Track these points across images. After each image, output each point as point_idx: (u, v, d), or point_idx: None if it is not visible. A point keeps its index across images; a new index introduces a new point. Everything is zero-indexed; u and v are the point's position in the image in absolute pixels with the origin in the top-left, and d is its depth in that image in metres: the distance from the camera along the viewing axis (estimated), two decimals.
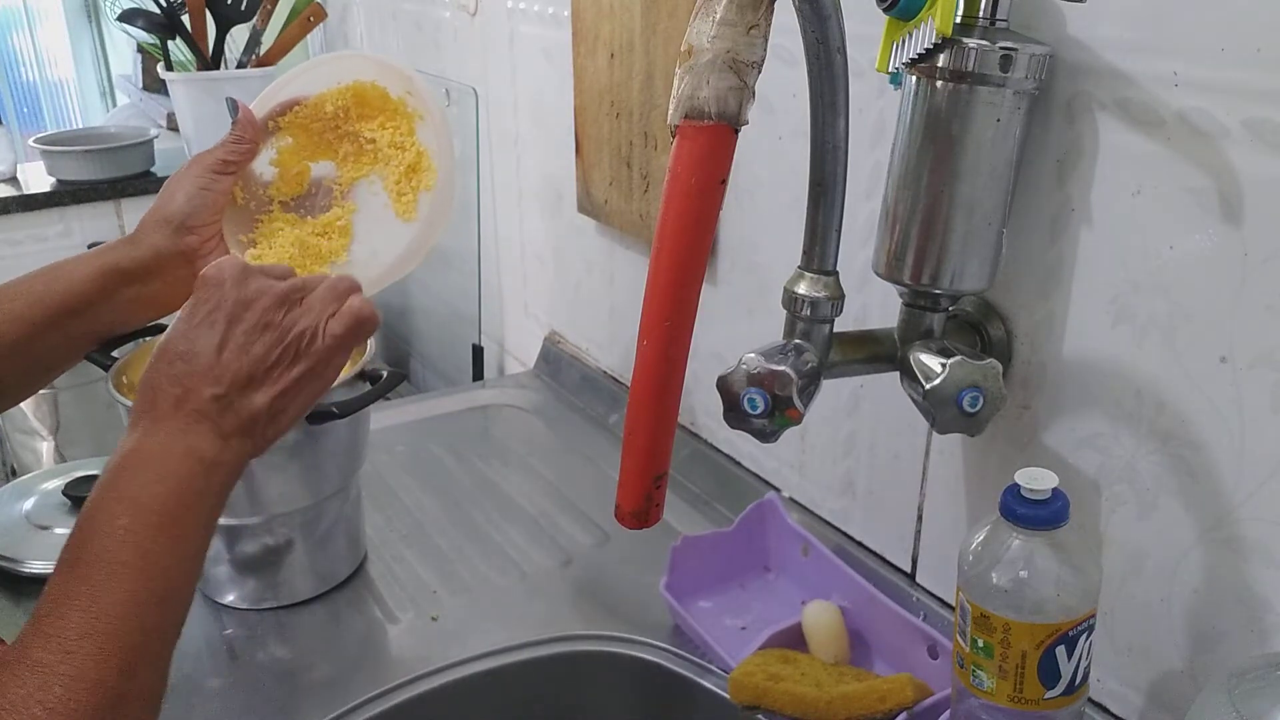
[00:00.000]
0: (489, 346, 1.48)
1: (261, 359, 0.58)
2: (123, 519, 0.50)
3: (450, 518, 1.00)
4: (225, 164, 0.76)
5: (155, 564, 0.50)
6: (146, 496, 0.51)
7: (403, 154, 0.81)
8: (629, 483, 0.59)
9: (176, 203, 0.75)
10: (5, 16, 3.44)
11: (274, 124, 0.81)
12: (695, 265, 0.54)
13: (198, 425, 0.55)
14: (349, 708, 0.76)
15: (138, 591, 0.49)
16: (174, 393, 0.56)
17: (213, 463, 0.55)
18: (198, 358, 0.57)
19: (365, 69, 0.82)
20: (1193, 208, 0.56)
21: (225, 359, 0.57)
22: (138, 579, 0.49)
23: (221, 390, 0.56)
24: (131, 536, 0.50)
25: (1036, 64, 0.58)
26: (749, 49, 0.51)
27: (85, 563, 0.48)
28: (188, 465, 0.54)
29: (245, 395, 0.57)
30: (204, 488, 0.54)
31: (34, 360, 0.71)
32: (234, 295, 0.59)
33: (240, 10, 1.65)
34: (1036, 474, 0.57)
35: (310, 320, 0.60)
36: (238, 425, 0.57)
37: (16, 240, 1.83)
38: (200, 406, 0.55)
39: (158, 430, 0.54)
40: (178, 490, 0.53)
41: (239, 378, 0.57)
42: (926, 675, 0.72)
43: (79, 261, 0.73)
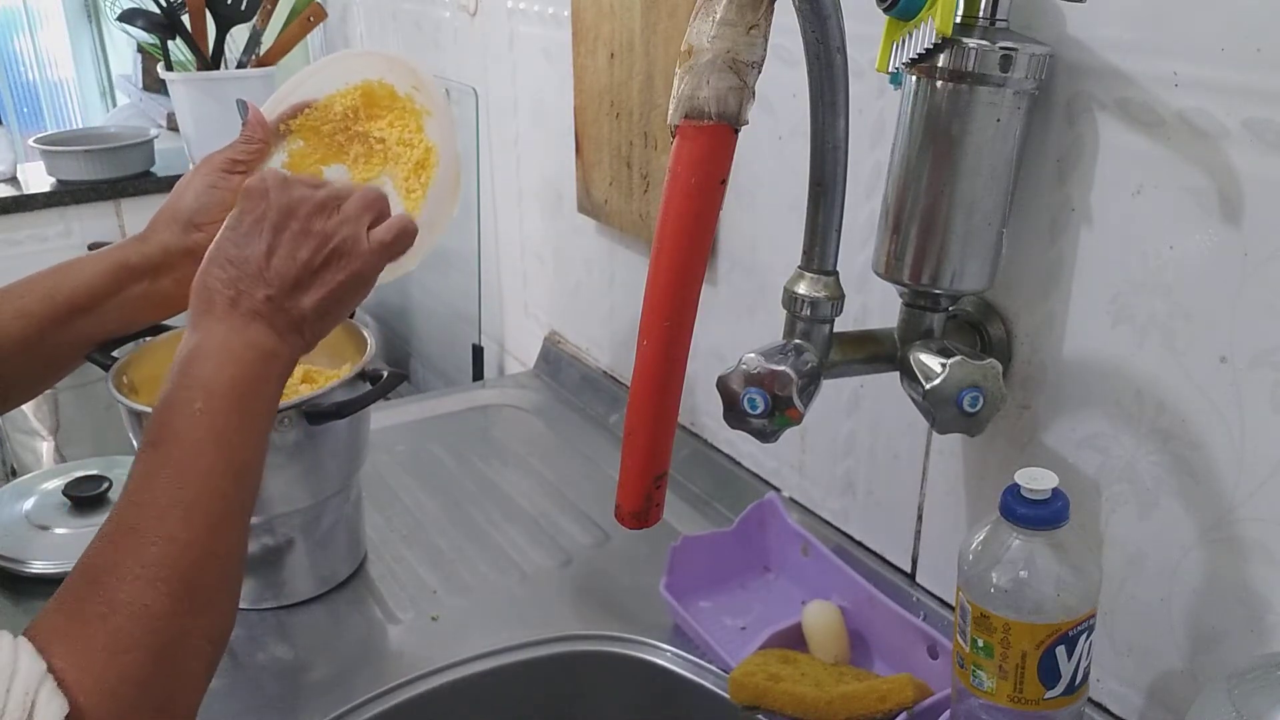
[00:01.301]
0: (489, 346, 1.48)
1: (307, 263, 0.62)
2: (197, 402, 0.55)
3: (450, 518, 1.00)
4: (235, 163, 0.77)
5: (229, 441, 0.55)
6: (215, 382, 0.56)
7: (411, 150, 0.81)
8: (629, 483, 0.59)
9: (186, 201, 0.75)
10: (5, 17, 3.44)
11: (285, 127, 0.81)
12: (695, 265, 0.54)
13: (253, 323, 0.60)
14: (349, 708, 0.76)
15: (215, 464, 0.54)
16: (228, 294, 0.60)
17: (270, 353, 0.60)
18: (248, 263, 0.61)
19: (372, 67, 0.82)
20: (1193, 208, 0.56)
21: (274, 264, 0.61)
22: (215, 454, 0.54)
23: (272, 292, 0.61)
24: (206, 417, 0.55)
25: (1036, 64, 0.58)
26: (749, 49, 0.51)
27: (166, 442, 0.54)
28: (250, 355, 0.59)
29: (293, 297, 0.61)
30: (264, 375, 0.59)
31: (43, 357, 0.72)
32: (277, 204, 0.62)
33: (240, 10, 1.65)
34: (1036, 474, 0.57)
35: (350, 229, 0.64)
36: (289, 324, 0.61)
37: (16, 240, 1.83)
38: (254, 307, 0.60)
39: (217, 327, 0.59)
40: (242, 376, 0.58)
41: (287, 281, 0.61)
42: (926, 675, 0.72)
43: (88, 259, 0.73)
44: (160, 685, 0.49)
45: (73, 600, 0.49)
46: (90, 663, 0.46)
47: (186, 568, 0.50)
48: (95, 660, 0.47)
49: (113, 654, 0.47)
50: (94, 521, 0.94)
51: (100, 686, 0.46)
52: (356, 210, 0.65)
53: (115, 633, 0.47)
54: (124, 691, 0.47)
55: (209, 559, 0.52)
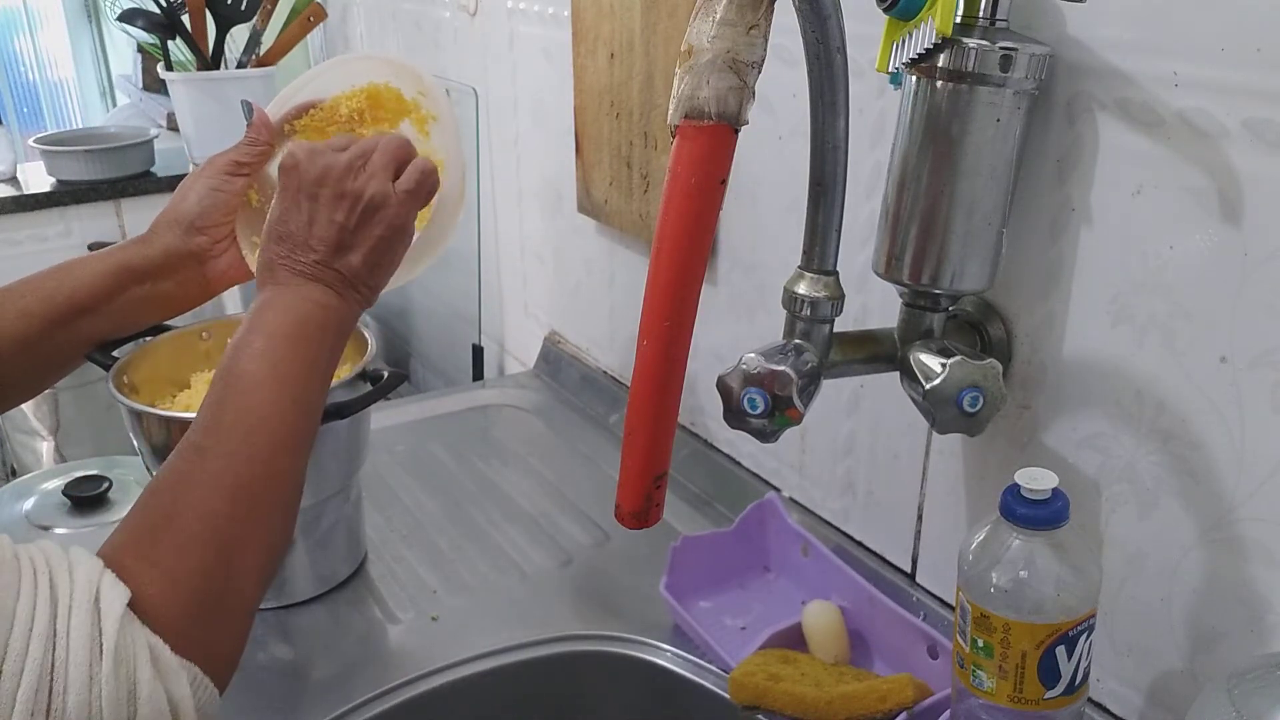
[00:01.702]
0: (489, 346, 1.48)
1: (344, 225, 0.66)
2: (258, 342, 0.61)
3: (450, 518, 1.00)
4: (238, 165, 0.77)
5: (287, 374, 0.60)
6: (275, 325, 0.62)
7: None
8: (629, 483, 0.59)
9: (188, 203, 0.76)
10: (5, 17, 3.44)
11: (290, 127, 0.81)
12: (695, 265, 0.54)
13: (310, 283, 0.65)
14: (349, 708, 0.76)
15: (275, 395, 0.59)
16: (284, 264, 0.65)
17: (327, 305, 0.65)
18: (294, 236, 0.66)
19: (379, 70, 0.82)
20: (1193, 208, 0.56)
21: (316, 231, 0.66)
22: (274, 386, 0.59)
23: (319, 256, 0.65)
24: (266, 355, 0.60)
25: (1036, 64, 0.58)
26: (749, 49, 0.51)
27: (231, 375, 0.59)
28: (308, 305, 0.64)
29: (341, 257, 0.66)
30: (321, 321, 0.64)
31: (43, 357, 0.72)
32: (309, 174, 0.66)
33: (240, 10, 1.65)
34: (1036, 474, 0.57)
35: (376, 185, 0.67)
36: (344, 282, 0.66)
37: (16, 240, 1.83)
38: (308, 271, 0.65)
39: (278, 287, 0.65)
40: (300, 319, 0.63)
41: (329, 244, 0.66)
42: (926, 675, 0.72)
43: (90, 260, 0.73)
44: (219, 583, 0.52)
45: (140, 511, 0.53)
46: (156, 556, 0.50)
47: (248, 480, 0.55)
48: (160, 554, 0.50)
49: (176, 549, 0.51)
50: (94, 521, 0.94)
51: (163, 577, 0.49)
52: (382, 163, 0.68)
53: (179, 531, 0.51)
54: (186, 583, 0.50)
55: (268, 476, 0.56)
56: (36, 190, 1.85)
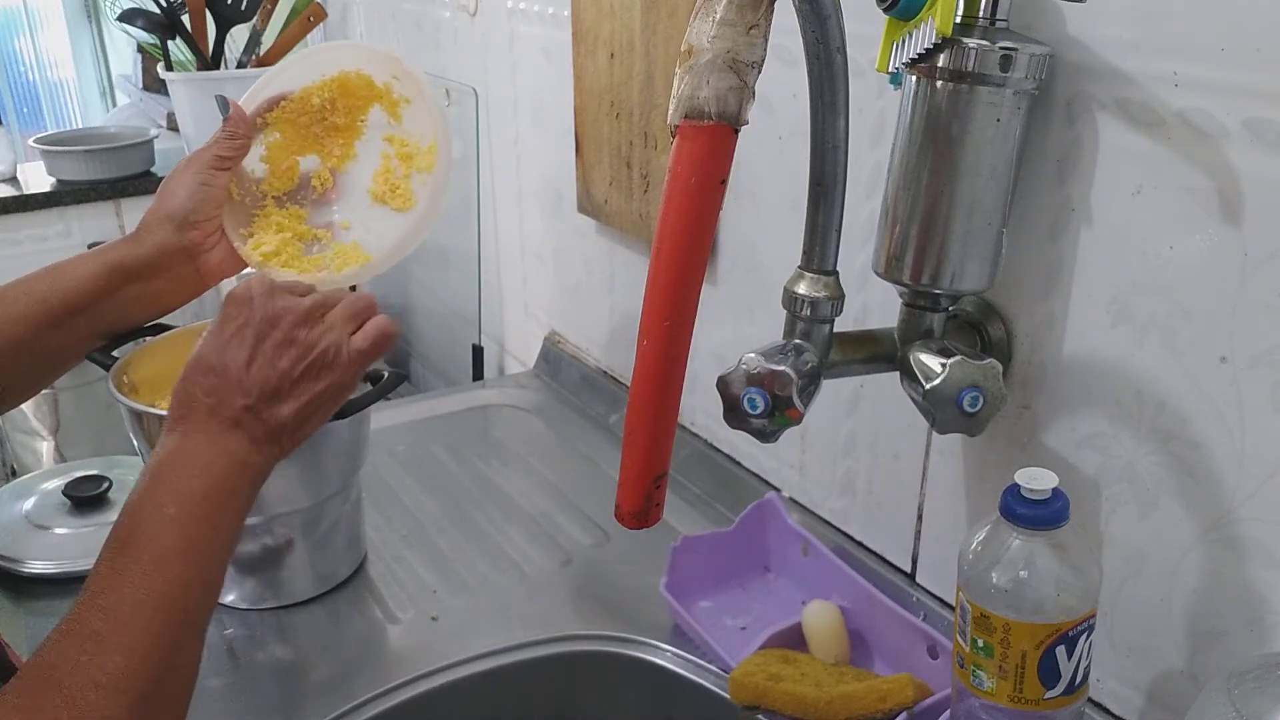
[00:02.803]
0: (489, 346, 1.48)
1: (287, 373, 0.62)
2: (170, 508, 0.55)
3: (450, 518, 1.00)
4: (222, 160, 0.77)
5: (198, 549, 0.55)
6: (189, 489, 0.56)
7: (390, 144, 0.81)
8: (629, 483, 0.59)
9: (178, 200, 0.75)
10: (5, 17, 3.43)
11: (262, 120, 0.81)
12: (695, 265, 0.54)
13: (231, 431, 0.60)
14: (349, 708, 0.76)
15: (184, 573, 0.54)
16: (208, 403, 0.60)
17: (245, 463, 0.60)
18: (228, 371, 0.61)
19: (349, 58, 0.82)
20: (1193, 208, 0.56)
21: (253, 373, 0.61)
22: (183, 562, 0.54)
23: (250, 401, 0.60)
24: (177, 524, 0.55)
25: (1036, 64, 0.58)
26: (749, 49, 0.51)
27: (135, 545, 0.53)
28: (224, 463, 0.59)
29: (272, 406, 0.61)
30: (238, 484, 0.59)
31: (39, 359, 0.72)
32: (261, 313, 0.62)
33: (240, 10, 1.65)
34: (1036, 474, 0.57)
35: (333, 337, 0.64)
36: (266, 433, 0.61)
37: (16, 240, 1.83)
38: (232, 415, 0.60)
39: (194, 434, 0.59)
40: (216, 485, 0.58)
41: (266, 390, 0.61)
42: (926, 675, 0.72)
43: (82, 260, 0.73)
44: None
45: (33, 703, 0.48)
46: None
47: (146, 680, 0.50)
48: None
49: None
50: (94, 521, 0.94)
51: None
52: (341, 319, 0.65)
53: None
54: None
55: (168, 673, 0.52)
56: (36, 190, 1.85)
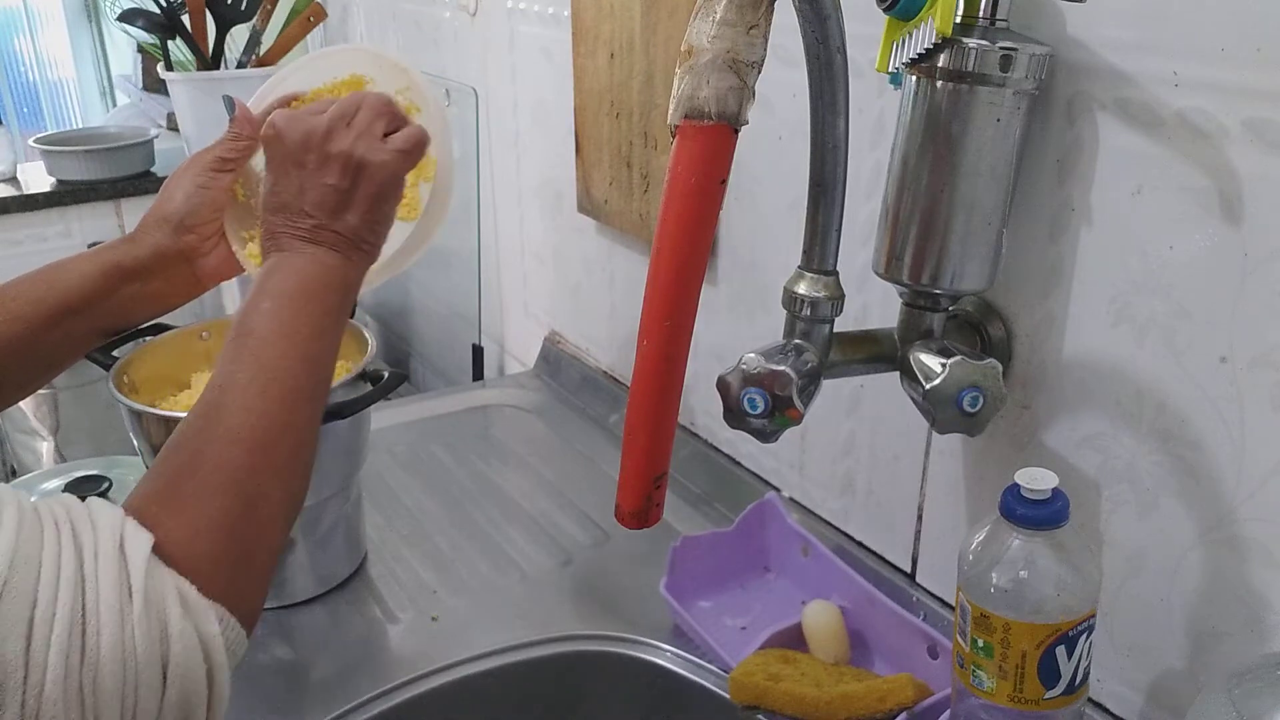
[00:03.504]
0: (489, 346, 1.48)
1: (337, 186, 0.66)
2: (266, 303, 0.62)
3: (450, 518, 1.00)
4: (224, 162, 0.77)
5: (295, 332, 0.61)
6: (281, 286, 0.63)
7: None
8: (629, 483, 0.59)
9: (176, 202, 0.75)
10: (5, 17, 3.44)
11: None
12: (695, 265, 0.54)
13: (313, 245, 0.65)
14: (349, 708, 0.76)
15: (285, 351, 0.60)
16: (286, 232, 0.66)
17: (331, 266, 0.65)
18: (288, 205, 0.66)
19: (361, 63, 0.82)
20: (1193, 208, 0.56)
21: (308, 197, 0.66)
22: (284, 343, 0.60)
23: (318, 220, 0.66)
24: (274, 314, 0.61)
25: (1036, 64, 0.58)
26: (749, 49, 0.51)
27: (242, 336, 0.60)
28: (313, 265, 0.65)
29: (339, 218, 0.66)
30: (326, 279, 0.65)
31: (35, 358, 0.72)
32: (290, 142, 0.67)
33: (240, 10, 1.65)
34: (1036, 474, 0.57)
35: (365, 143, 0.67)
36: (343, 243, 0.66)
37: (16, 240, 1.83)
38: (308, 235, 0.65)
39: (284, 252, 0.65)
40: (306, 279, 0.64)
41: (325, 207, 0.66)
42: (926, 675, 0.72)
43: (79, 260, 0.73)
44: (241, 531, 0.52)
45: (159, 467, 0.53)
46: (178, 505, 0.50)
47: (264, 431, 0.55)
48: (183, 504, 0.51)
49: (197, 498, 0.51)
50: None
51: (187, 525, 0.50)
52: (368, 120, 0.68)
53: (200, 482, 0.52)
54: (209, 531, 0.51)
55: (284, 428, 0.57)
56: (36, 190, 1.85)
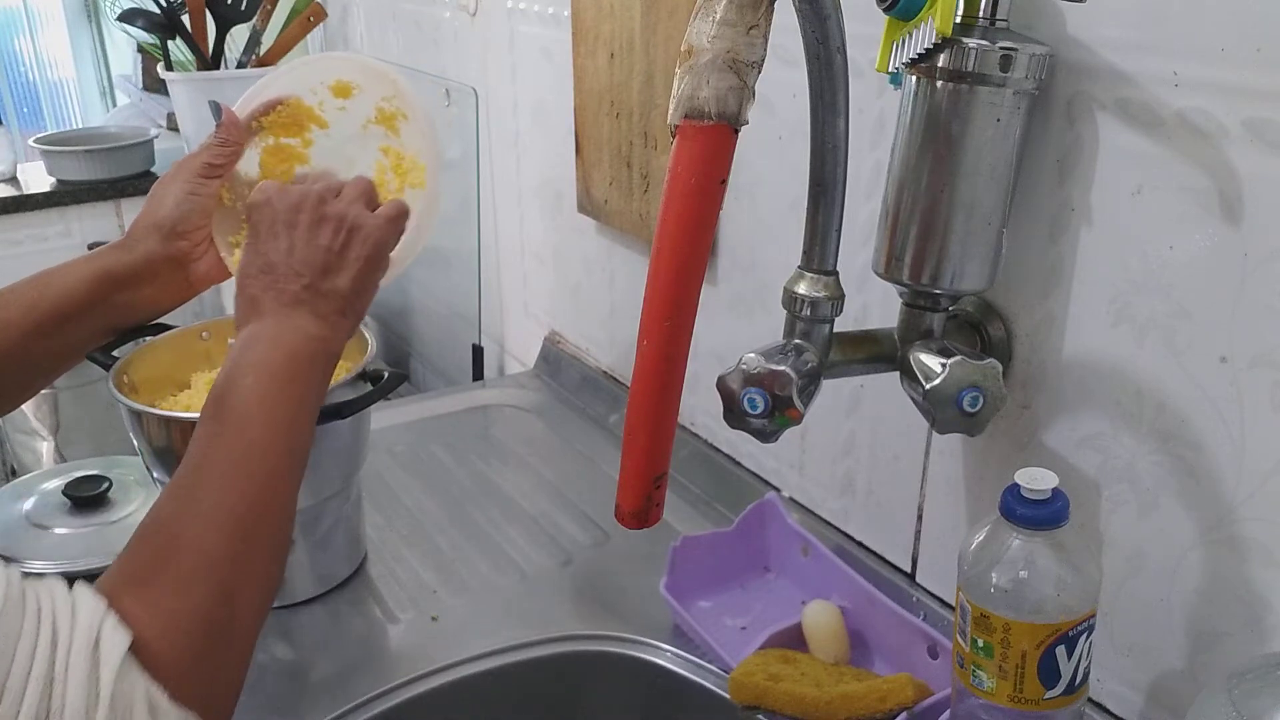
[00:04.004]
0: (489, 346, 1.48)
1: (329, 247, 0.66)
2: (248, 379, 0.59)
3: (450, 518, 1.00)
4: (212, 168, 0.76)
5: (278, 412, 0.59)
6: (264, 361, 0.61)
7: (385, 155, 0.81)
8: (629, 483, 0.59)
9: (166, 209, 0.74)
10: (5, 17, 3.44)
11: (257, 124, 0.80)
12: (695, 265, 0.54)
13: (298, 312, 0.64)
14: (349, 708, 0.76)
15: (265, 431, 0.58)
16: (270, 295, 0.64)
17: (317, 336, 0.63)
18: (274, 266, 0.65)
19: (347, 70, 0.81)
20: (1193, 208, 0.56)
21: (299, 256, 0.65)
22: (265, 422, 0.58)
23: (307, 280, 0.64)
24: (255, 391, 0.59)
25: (1036, 64, 0.58)
26: (749, 49, 0.51)
27: (222, 413, 0.58)
28: (297, 338, 0.63)
29: (329, 279, 0.65)
30: (313, 357, 0.63)
31: (28, 366, 0.71)
32: (282, 205, 0.66)
33: (240, 10, 1.65)
34: (1036, 474, 0.57)
35: (357, 209, 0.68)
36: (331, 308, 0.65)
37: (16, 240, 1.83)
38: (295, 297, 0.64)
39: (265, 320, 0.63)
40: (291, 356, 0.61)
41: (316, 267, 0.65)
42: (926, 675, 0.72)
43: (70, 268, 0.72)
44: (219, 623, 0.51)
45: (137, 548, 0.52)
46: (156, 598, 0.49)
47: (242, 516, 0.54)
48: (159, 595, 0.49)
49: (175, 590, 0.50)
50: (94, 521, 0.94)
51: (164, 620, 0.49)
52: (354, 194, 0.69)
53: (178, 573, 0.51)
54: (186, 626, 0.49)
55: (262, 512, 0.55)
56: (36, 190, 1.85)
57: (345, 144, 0.82)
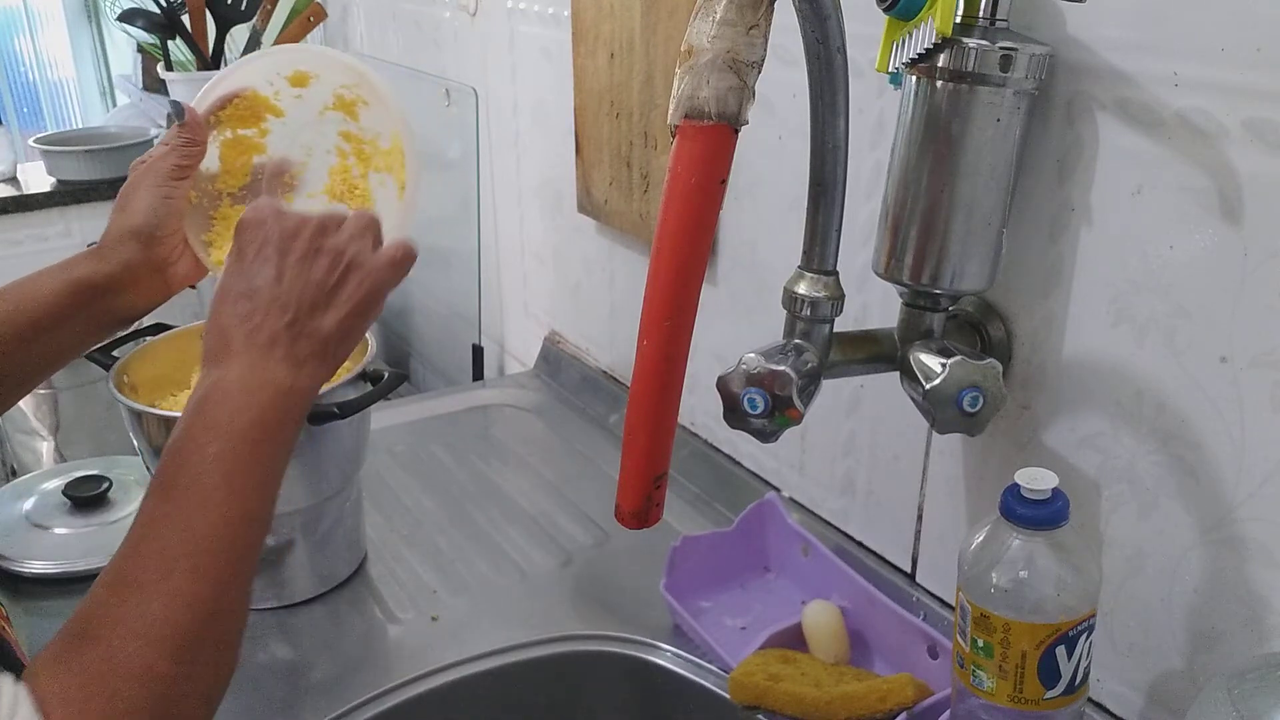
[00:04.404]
0: (489, 346, 1.48)
1: (322, 282, 0.59)
2: (211, 446, 0.52)
3: (450, 518, 1.00)
4: (181, 169, 0.74)
5: (242, 488, 0.52)
6: (231, 425, 0.54)
7: (345, 141, 0.81)
8: (629, 483, 0.59)
9: (141, 214, 0.72)
10: (5, 17, 3.44)
11: (214, 119, 0.80)
12: (695, 265, 0.54)
13: (272, 354, 0.57)
14: (349, 708, 0.76)
15: (228, 513, 0.51)
16: (245, 329, 0.57)
17: (289, 390, 0.57)
18: (259, 293, 0.58)
19: (306, 60, 0.80)
20: (1193, 208, 0.56)
21: (287, 286, 0.58)
22: (228, 502, 0.51)
23: (291, 316, 0.58)
24: (220, 463, 0.52)
25: (1036, 64, 0.58)
26: (749, 49, 0.51)
27: (178, 488, 0.51)
28: (267, 394, 0.56)
29: (314, 318, 0.59)
30: (283, 415, 0.56)
31: (8, 378, 0.70)
32: (278, 229, 0.60)
33: (240, 10, 1.65)
34: (1036, 474, 0.57)
35: (359, 245, 0.62)
36: (310, 350, 0.58)
37: (16, 240, 1.83)
38: (273, 336, 0.57)
39: (234, 365, 0.56)
40: (260, 419, 0.55)
41: (304, 301, 0.58)
42: (926, 675, 0.72)
43: (46, 277, 0.70)
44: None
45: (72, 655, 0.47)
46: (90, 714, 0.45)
47: (190, 626, 0.48)
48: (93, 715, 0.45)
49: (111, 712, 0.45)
50: (94, 521, 0.94)
51: None
52: (359, 227, 0.63)
53: (114, 695, 0.46)
54: None
55: (214, 617, 0.50)
56: (36, 190, 1.85)
57: (301, 130, 0.81)
